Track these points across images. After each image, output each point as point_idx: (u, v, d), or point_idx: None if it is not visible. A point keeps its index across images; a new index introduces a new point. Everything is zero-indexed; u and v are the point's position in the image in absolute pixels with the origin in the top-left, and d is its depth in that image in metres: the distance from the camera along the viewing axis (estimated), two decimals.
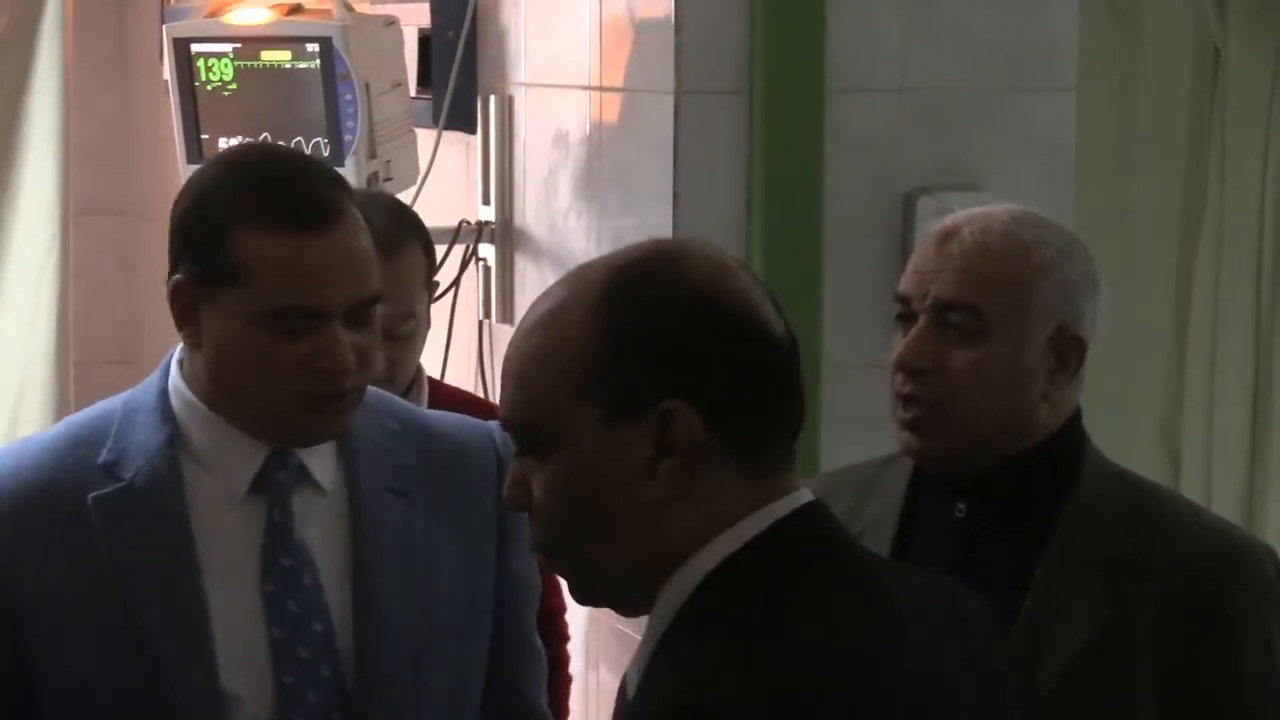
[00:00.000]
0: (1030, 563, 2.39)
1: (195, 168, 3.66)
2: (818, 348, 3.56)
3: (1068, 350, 2.42)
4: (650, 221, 3.50)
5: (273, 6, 3.95)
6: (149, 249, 5.34)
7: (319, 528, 2.37)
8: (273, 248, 2.25)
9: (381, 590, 2.38)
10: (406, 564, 2.40)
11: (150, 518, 2.33)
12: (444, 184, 4.00)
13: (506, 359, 1.79)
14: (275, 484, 2.35)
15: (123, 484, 2.34)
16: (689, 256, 1.79)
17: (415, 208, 3.66)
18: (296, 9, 3.92)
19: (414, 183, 3.89)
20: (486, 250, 3.97)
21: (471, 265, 4.02)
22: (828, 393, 3.52)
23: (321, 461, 2.37)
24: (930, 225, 2.64)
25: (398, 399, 2.72)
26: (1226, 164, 4.81)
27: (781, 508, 1.72)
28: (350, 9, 3.88)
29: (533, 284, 3.82)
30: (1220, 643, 2.42)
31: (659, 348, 1.69)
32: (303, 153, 2.80)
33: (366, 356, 2.33)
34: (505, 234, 3.97)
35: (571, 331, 1.71)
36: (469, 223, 3.95)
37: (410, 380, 2.99)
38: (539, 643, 2.65)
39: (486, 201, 3.98)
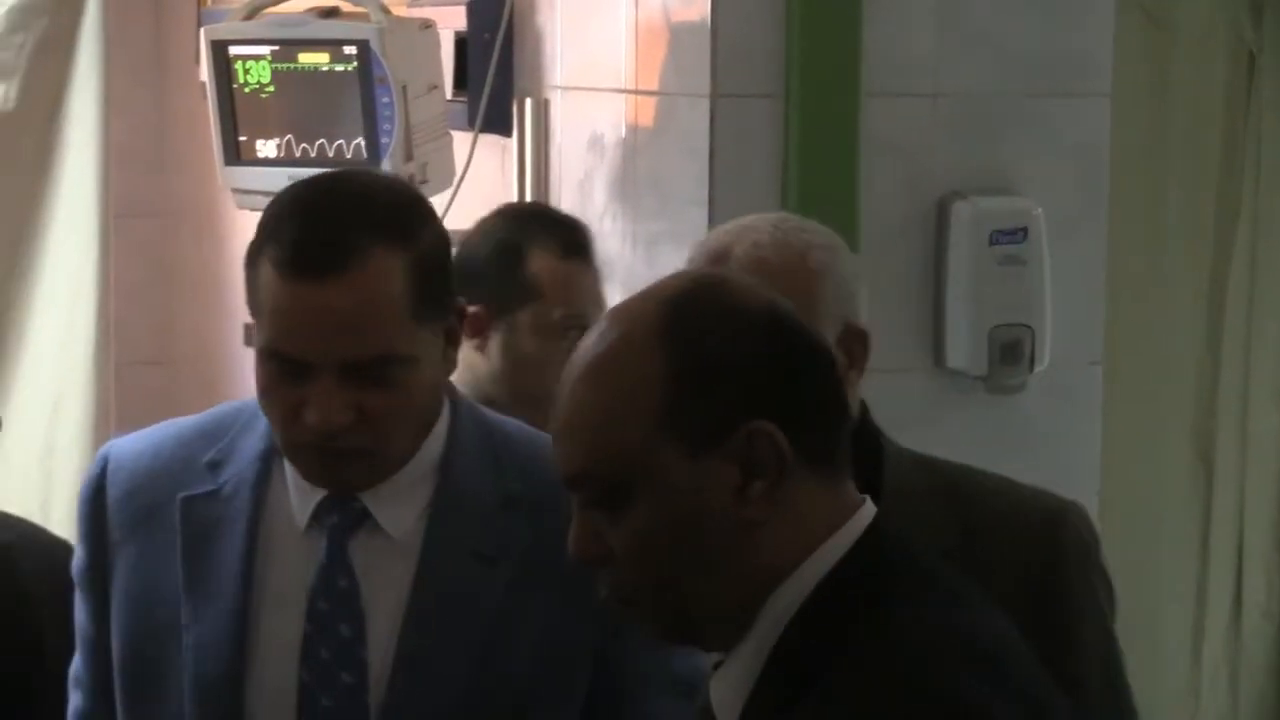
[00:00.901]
0: None
1: (232, 170, 4.09)
2: None
3: (854, 346, 2.44)
4: (685, 225, 3.49)
5: (310, 9, 3.98)
6: (184, 251, 5.41)
7: (381, 578, 2.32)
8: (273, 287, 2.21)
9: (429, 653, 2.32)
10: (470, 632, 2.32)
11: (224, 528, 2.33)
12: (480, 187, 3.97)
13: (562, 409, 1.75)
14: (329, 524, 2.31)
15: (211, 489, 2.34)
16: (731, 282, 1.83)
17: (451, 211, 3.81)
18: (334, 12, 3.92)
19: (450, 185, 3.88)
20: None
21: None
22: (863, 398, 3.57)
23: (397, 510, 2.31)
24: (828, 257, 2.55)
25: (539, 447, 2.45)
26: (1262, 168, 4.81)
27: (861, 519, 1.73)
28: (387, 12, 3.87)
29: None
30: (1056, 606, 2.47)
31: (731, 371, 1.68)
32: (368, 182, 2.47)
33: (369, 415, 2.22)
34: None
35: (637, 371, 1.69)
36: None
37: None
38: None
39: (520, 194, 3.98)
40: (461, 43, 4.06)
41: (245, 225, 4.87)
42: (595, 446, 1.70)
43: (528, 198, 3.99)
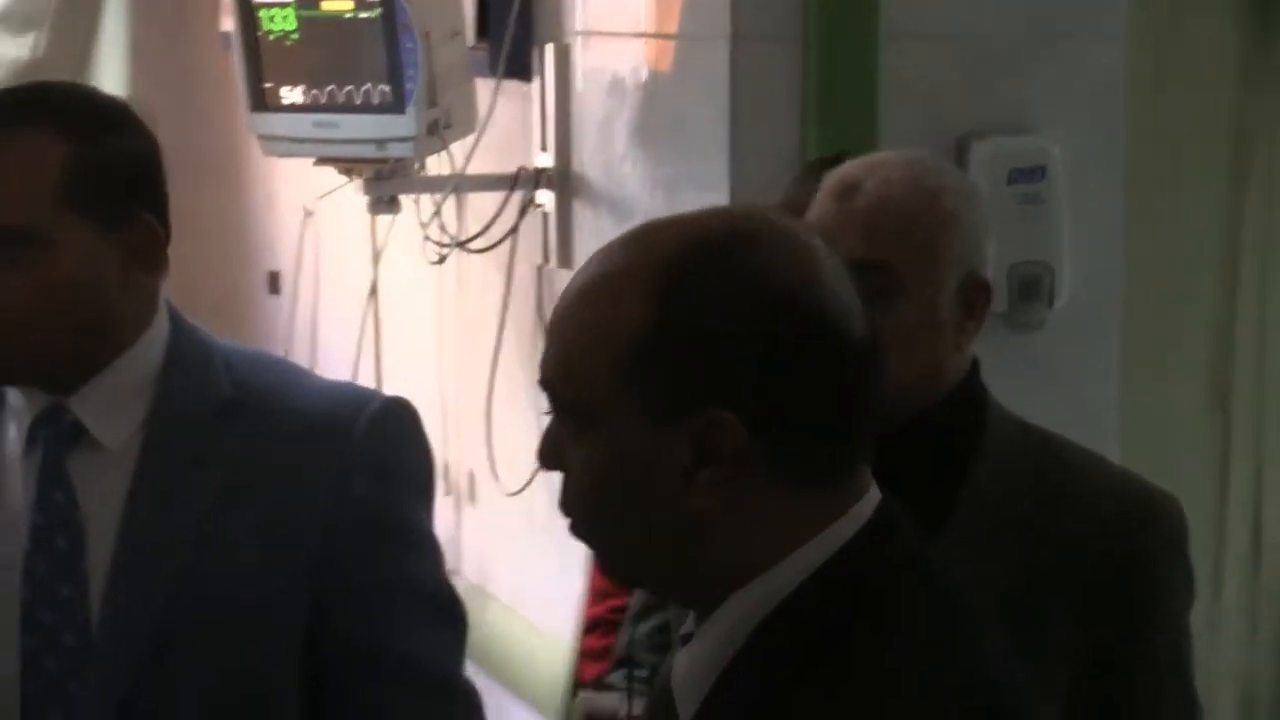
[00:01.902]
0: (940, 520, 2.29)
1: (258, 116, 4.18)
2: None
3: (976, 297, 2.39)
4: (705, 168, 3.53)
5: None
6: (206, 200, 5.30)
7: (99, 488, 2.34)
8: None
9: (145, 558, 2.34)
10: (185, 532, 2.33)
11: None
12: (502, 132, 4.02)
13: (554, 312, 1.71)
14: (43, 439, 2.35)
15: None
16: (772, 243, 1.65)
17: (475, 155, 4.01)
18: None
19: (473, 130, 3.92)
20: (544, 196, 3.97)
21: (529, 212, 4.03)
22: None
23: (112, 423, 2.33)
24: (831, 181, 2.50)
25: (275, 363, 2.66)
26: (1278, 106, 4.83)
27: (838, 534, 1.64)
28: None
29: (590, 229, 3.81)
30: (1133, 593, 2.46)
31: (713, 346, 1.59)
32: (65, 89, 2.47)
33: None
34: (563, 180, 3.97)
35: (624, 304, 1.61)
36: (527, 169, 3.97)
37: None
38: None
39: (544, 149, 3.99)
40: None
41: (268, 173, 4.90)
42: (564, 363, 1.65)
43: (549, 142, 4.00)
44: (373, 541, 2.34)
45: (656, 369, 1.57)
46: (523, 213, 3.99)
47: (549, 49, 3.97)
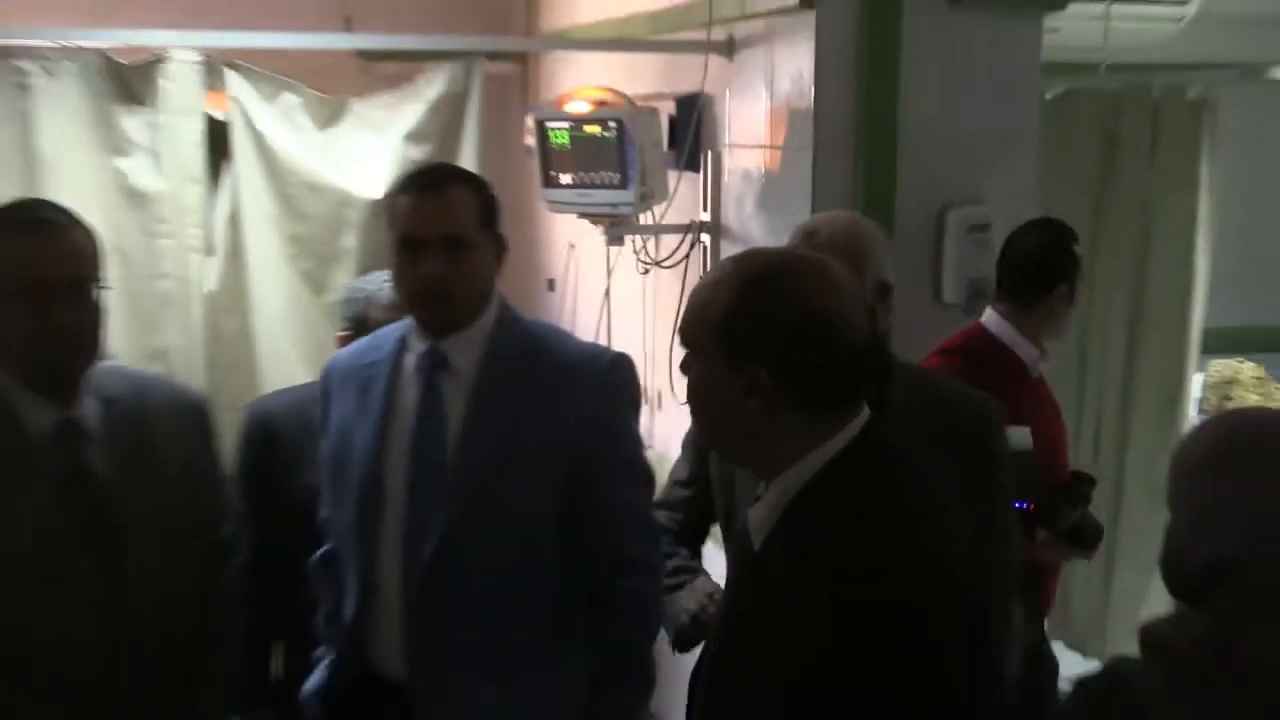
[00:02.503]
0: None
1: (546, 190, 4.20)
2: None
3: (884, 292, 2.60)
4: (793, 221, 3.13)
5: (591, 102, 4.13)
6: (514, 238, 5.23)
7: (452, 393, 2.47)
8: (404, 204, 2.46)
9: (473, 436, 2.44)
10: (500, 424, 2.45)
11: (374, 382, 2.56)
12: (681, 200, 4.10)
13: (693, 292, 1.91)
14: (425, 366, 2.49)
15: (370, 362, 2.59)
16: (806, 276, 1.81)
17: (666, 213, 4.09)
18: (603, 103, 4.10)
19: (665, 198, 4.03)
20: (705, 238, 4.07)
21: (696, 245, 4.08)
22: None
23: (463, 357, 2.47)
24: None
25: (552, 328, 2.74)
26: (1117, 206, 4.95)
27: (846, 437, 1.79)
28: (633, 103, 4.08)
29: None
30: (993, 450, 2.68)
31: (760, 333, 1.78)
32: (463, 170, 2.74)
33: (451, 273, 2.42)
34: (715, 228, 4.07)
35: (721, 300, 1.81)
36: (695, 221, 4.08)
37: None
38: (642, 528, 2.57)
39: (705, 210, 4.09)
40: (672, 119, 4.15)
41: (551, 222, 5.03)
42: (689, 323, 1.86)
43: (709, 206, 4.08)
44: (606, 434, 2.49)
45: (730, 335, 1.78)
46: (692, 246, 4.08)
47: (709, 153, 4.08)
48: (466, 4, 5.66)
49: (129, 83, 3.90)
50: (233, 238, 4.12)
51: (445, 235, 2.39)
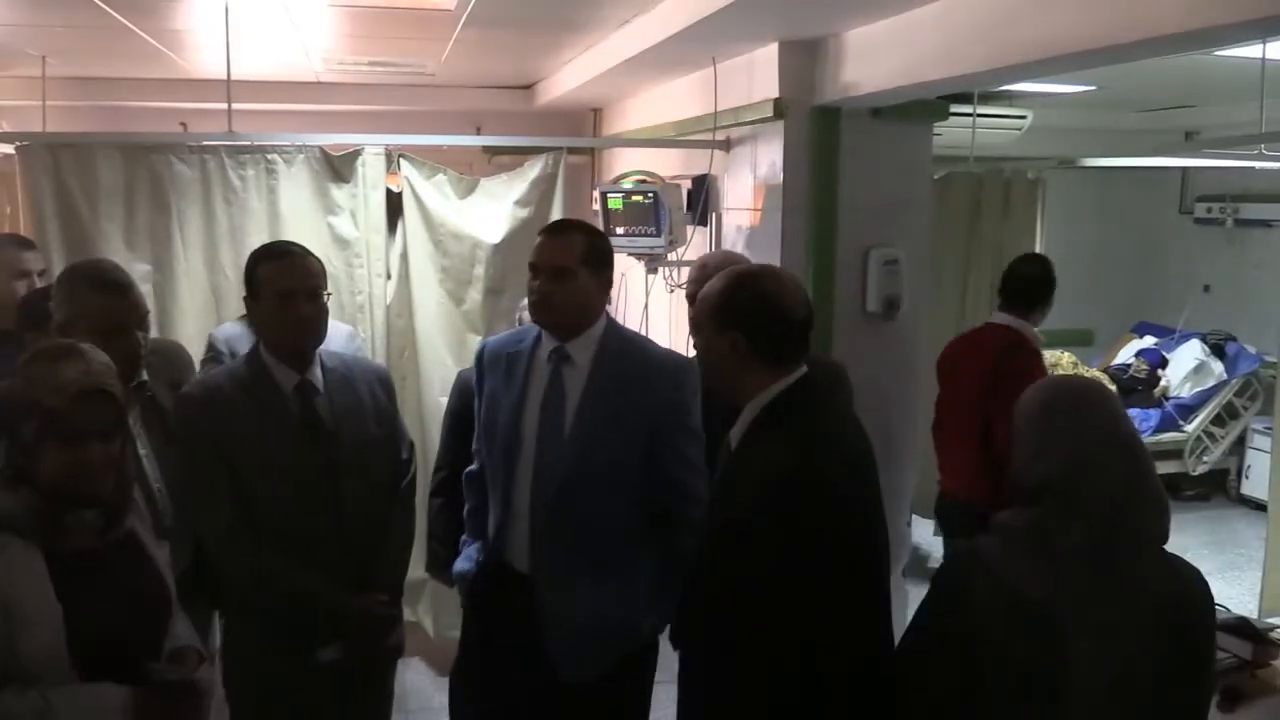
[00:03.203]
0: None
1: (610, 239, 4.00)
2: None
3: None
4: (769, 258, 3.47)
5: (636, 180, 4.10)
6: None
7: (572, 382, 2.34)
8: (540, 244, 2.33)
9: (587, 414, 2.30)
10: (605, 407, 2.31)
11: (518, 365, 2.41)
12: (696, 244, 4.02)
13: (705, 286, 1.92)
14: (554, 359, 2.36)
15: (515, 351, 2.42)
16: (766, 278, 1.87)
17: (684, 254, 3.93)
18: (644, 181, 4.06)
19: (685, 243, 3.95)
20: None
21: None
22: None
23: (581, 354, 2.33)
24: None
25: (637, 334, 2.51)
26: (971, 253, 4.99)
27: (791, 379, 1.84)
28: (663, 181, 4.03)
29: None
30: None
31: (740, 310, 1.83)
32: (585, 224, 2.49)
33: (555, 291, 2.28)
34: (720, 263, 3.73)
35: (718, 292, 1.86)
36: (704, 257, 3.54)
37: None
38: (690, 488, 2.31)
39: (711, 249, 3.91)
40: (689, 191, 4.08)
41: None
42: (698, 310, 1.90)
43: (711, 248, 3.94)
44: (676, 411, 2.32)
45: (720, 313, 1.84)
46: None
47: (714, 214, 4.02)
48: (555, 118, 5.59)
49: (337, 168, 3.93)
50: (403, 268, 4.11)
51: (553, 266, 2.30)
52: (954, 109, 4.10)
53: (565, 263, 2.28)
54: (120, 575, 1.73)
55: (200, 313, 3.82)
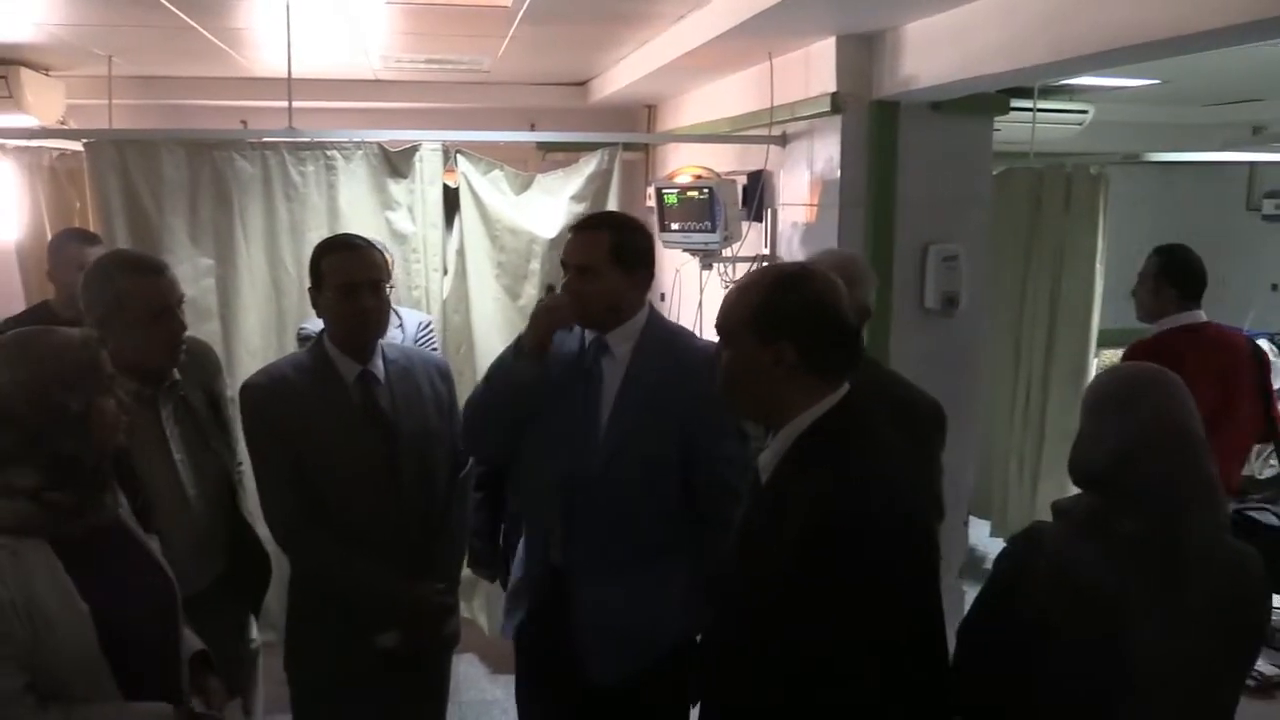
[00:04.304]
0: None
1: (663, 234, 4.05)
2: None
3: (864, 314, 2.31)
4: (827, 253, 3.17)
5: (693, 176, 4.13)
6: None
7: (611, 372, 2.29)
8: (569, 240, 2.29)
9: (624, 402, 2.26)
10: (641, 396, 2.26)
11: (564, 354, 2.35)
12: (751, 241, 3.98)
13: (728, 293, 1.71)
14: (595, 349, 2.29)
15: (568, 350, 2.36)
16: (815, 279, 1.65)
17: (739, 250, 3.92)
18: (699, 177, 4.07)
19: (740, 239, 3.92)
20: (765, 263, 3.68)
21: (761, 269, 3.95)
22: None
23: (620, 345, 2.28)
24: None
25: (680, 327, 2.45)
26: (1043, 257, 4.86)
27: (837, 396, 1.62)
28: (719, 177, 4.01)
29: None
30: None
31: (785, 318, 1.62)
32: (617, 214, 2.46)
33: (579, 288, 2.25)
34: (772, 258, 3.90)
35: (754, 297, 1.64)
36: (761, 254, 3.95)
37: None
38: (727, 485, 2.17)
39: (766, 248, 3.95)
40: (745, 187, 4.02)
41: (664, 255, 4.61)
42: (725, 316, 1.67)
43: (769, 244, 3.92)
44: (717, 408, 2.09)
45: (762, 322, 1.62)
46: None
47: (769, 210, 3.97)
48: (609, 115, 5.58)
49: (395, 164, 3.93)
50: (460, 263, 4.13)
51: (579, 264, 2.26)
52: (1014, 104, 4.04)
53: (589, 261, 2.24)
54: (128, 566, 1.68)
55: (261, 306, 3.88)
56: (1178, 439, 1.64)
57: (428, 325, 3.69)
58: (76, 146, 3.87)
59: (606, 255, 2.23)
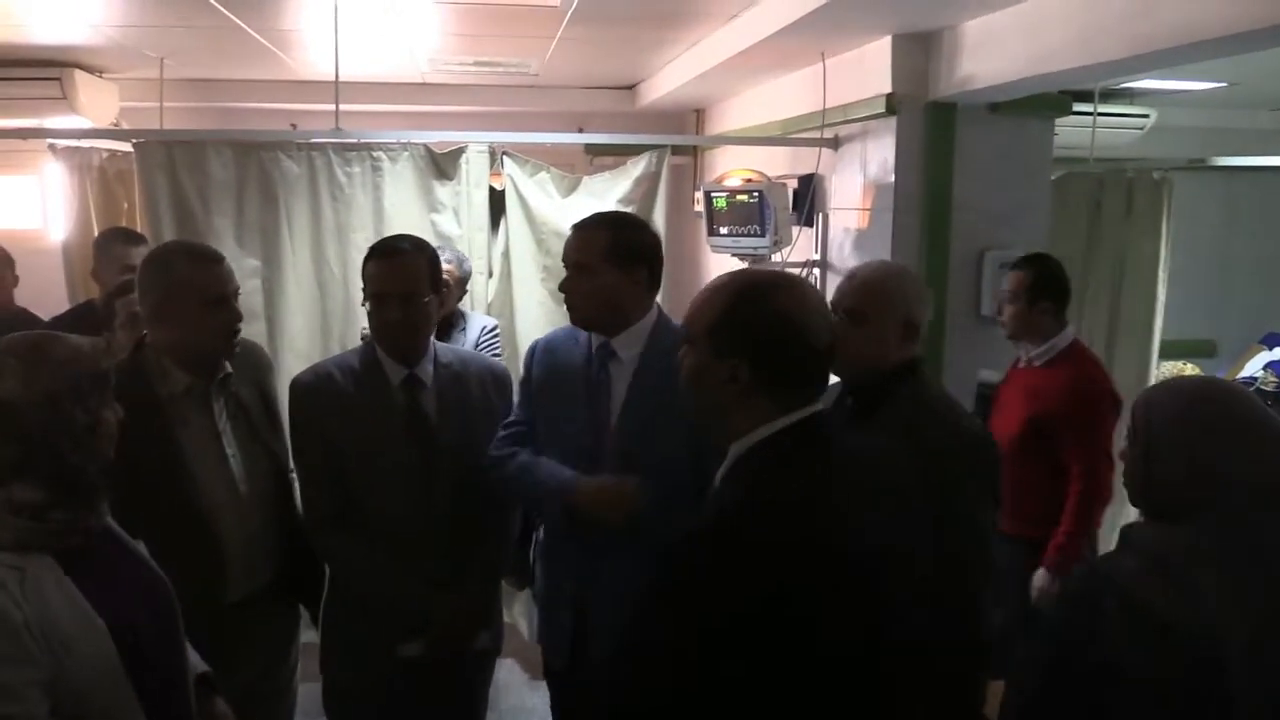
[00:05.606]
0: (870, 416, 2.05)
1: (710, 238, 4.06)
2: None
3: (910, 328, 2.11)
4: (877, 257, 3.26)
5: (742, 179, 4.04)
6: (679, 272, 5.09)
7: (618, 376, 2.28)
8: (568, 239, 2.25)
9: (633, 405, 2.25)
10: (649, 397, 2.23)
11: (574, 357, 2.34)
12: (801, 245, 3.94)
13: (700, 291, 1.63)
14: (601, 354, 2.30)
15: (572, 351, 2.36)
16: (783, 289, 1.56)
17: (789, 255, 3.87)
18: (749, 180, 4.00)
19: (790, 243, 3.88)
20: (816, 271, 3.89)
21: (810, 273, 3.90)
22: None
23: (627, 350, 2.26)
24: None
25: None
26: (1100, 261, 4.77)
27: (794, 418, 1.52)
28: (769, 180, 3.95)
29: (832, 282, 3.34)
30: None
31: (743, 334, 1.54)
32: (615, 213, 2.47)
33: (570, 288, 2.24)
34: (823, 264, 3.90)
35: (718, 304, 1.57)
36: (810, 259, 3.92)
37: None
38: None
39: (816, 251, 3.92)
40: (795, 191, 3.98)
41: (712, 259, 4.76)
42: (690, 319, 1.60)
43: (819, 248, 3.88)
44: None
45: (720, 333, 1.54)
46: (807, 276, 3.82)
47: (820, 214, 3.93)
48: (657, 119, 5.56)
49: (441, 165, 3.93)
50: (505, 266, 4.13)
51: (574, 262, 2.24)
52: (1073, 108, 3.99)
53: (585, 258, 2.21)
54: (125, 572, 1.61)
55: (306, 306, 3.89)
56: (1256, 445, 1.54)
57: (493, 329, 3.68)
58: (126, 147, 3.91)
59: (602, 253, 2.20)
